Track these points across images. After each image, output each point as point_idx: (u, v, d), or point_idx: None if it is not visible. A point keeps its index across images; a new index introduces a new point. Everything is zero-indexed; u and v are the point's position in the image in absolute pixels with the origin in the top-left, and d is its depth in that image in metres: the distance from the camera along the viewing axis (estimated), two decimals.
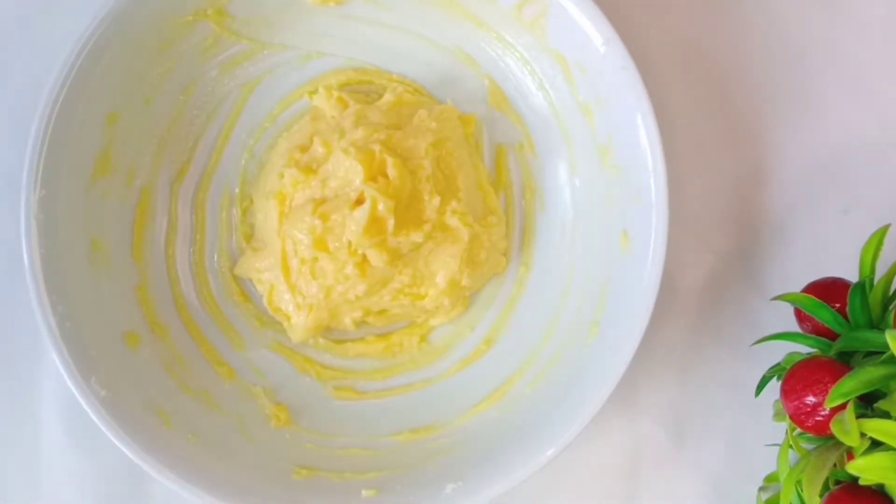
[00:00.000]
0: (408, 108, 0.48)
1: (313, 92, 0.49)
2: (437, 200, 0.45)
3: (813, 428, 0.39)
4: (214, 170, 0.49)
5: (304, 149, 0.47)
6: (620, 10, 0.45)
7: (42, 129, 0.42)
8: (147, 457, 0.41)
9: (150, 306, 0.46)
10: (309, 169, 0.46)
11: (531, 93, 0.48)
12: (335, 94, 0.48)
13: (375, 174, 0.44)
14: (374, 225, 0.44)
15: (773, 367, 0.43)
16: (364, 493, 0.43)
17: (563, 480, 0.47)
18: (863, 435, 0.37)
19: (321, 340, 0.48)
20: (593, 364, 0.43)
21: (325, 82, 0.49)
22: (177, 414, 0.44)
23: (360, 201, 0.44)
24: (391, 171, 0.45)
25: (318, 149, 0.46)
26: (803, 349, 0.43)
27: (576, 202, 0.48)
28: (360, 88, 0.49)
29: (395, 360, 0.48)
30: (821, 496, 0.38)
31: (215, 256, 0.48)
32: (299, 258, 0.45)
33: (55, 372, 0.47)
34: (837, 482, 0.39)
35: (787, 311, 0.44)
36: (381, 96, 0.48)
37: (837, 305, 0.42)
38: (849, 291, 0.41)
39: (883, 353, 0.39)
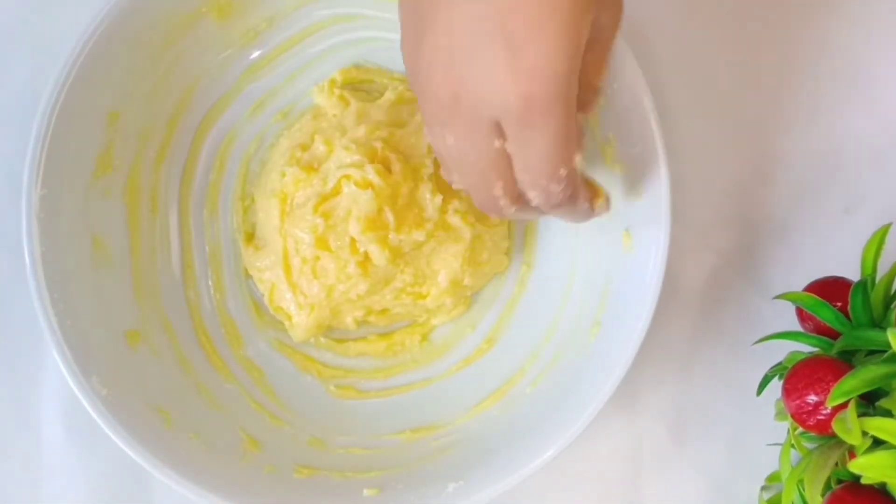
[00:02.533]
0: (409, 106, 0.48)
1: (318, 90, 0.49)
2: (438, 199, 0.45)
3: (815, 427, 0.39)
4: (216, 168, 0.49)
5: (306, 147, 0.47)
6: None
7: (43, 128, 0.42)
8: (148, 455, 0.41)
9: (151, 305, 0.46)
10: (310, 167, 0.46)
11: None
12: (336, 92, 0.48)
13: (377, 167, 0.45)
14: (377, 217, 0.44)
15: (774, 367, 0.43)
16: (365, 492, 0.42)
17: (564, 479, 0.47)
18: (864, 434, 0.37)
19: (322, 339, 0.48)
20: (595, 363, 0.43)
21: (328, 80, 0.49)
22: (178, 412, 0.43)
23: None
24: (394, 167, 0.45)
25: (320, 147, 0.46)
26: (805, 348, 0.43)
27: None
28: (362, 87, 0.49)
29: (397, 360, 0.48)
30: (823, 495, 0.38)
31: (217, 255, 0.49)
32: (301, 257, 0.45)
33: (56, 370, 0.47)
34: (839, 481, 0.39)
35: (789, 310, 0.44)
36: (382, 94, 0.48)
37: (839, 304, 0.42)
38: (850, 290, 0.41)
39: (884, 351, 0.39)
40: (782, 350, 0.43)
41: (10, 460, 0.48)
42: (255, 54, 0.48)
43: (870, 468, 0.36)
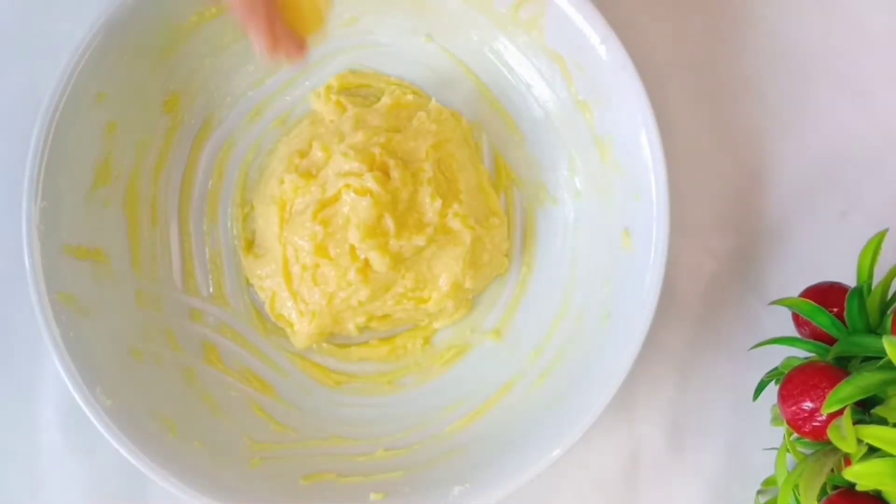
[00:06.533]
0: (407, 110, 0.48)
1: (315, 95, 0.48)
2: (438, 203, 0.45)
3: (810, 433, 0.40)
4: (215, 176, 0.48)
5: (304, 154, 0.47)
6: (619, 11, 0.45)
7: (42, 140, 0.42)
8: (154, 466, 0.41)
9: (153, 314, 0.46)
10: (309, 174, 0.46)
11: (530, 92, 0.48)
12: (333, 97, 0.48)
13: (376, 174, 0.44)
14: (377, 224, 0.44)
15: (770, 372, 0.44)
16: (372, 496, 0.43)
17: (563, 484, 0.48)
18: (859, 441, 0.37)
19: (325, 345, 0.48)
20: (597, 363, 0.44)
21: (324, 86, 0.48)
22: (182, 421, 0.44)
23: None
24: (393, 173, 0.45)
25: (318, 153, 0.46)
26: (801, 353, 0.43)
27: (576, 201, 0.48)
28: (359, 92, 0.49)
29: (399, 363, 0.49)
30: (818, 500, 0.38)
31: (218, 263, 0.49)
32: (301, 265, 0.45)
33: (53, 375, 0.47)
34: (835, 487, 0.39)
35: (786, 315, 0.45)
36: (379, 99, 0.48)
37: (835, 310, 0.42)
38: (846, 296, 0.41)
39: (880, 358, 0.39)
40: (779, 355, 0.43)
41: (7, 465, 0.48)
42: (252, 62, 0.48)
43: (865, 476, 0.36)
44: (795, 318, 0.44)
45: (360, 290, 0.45)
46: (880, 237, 0.42)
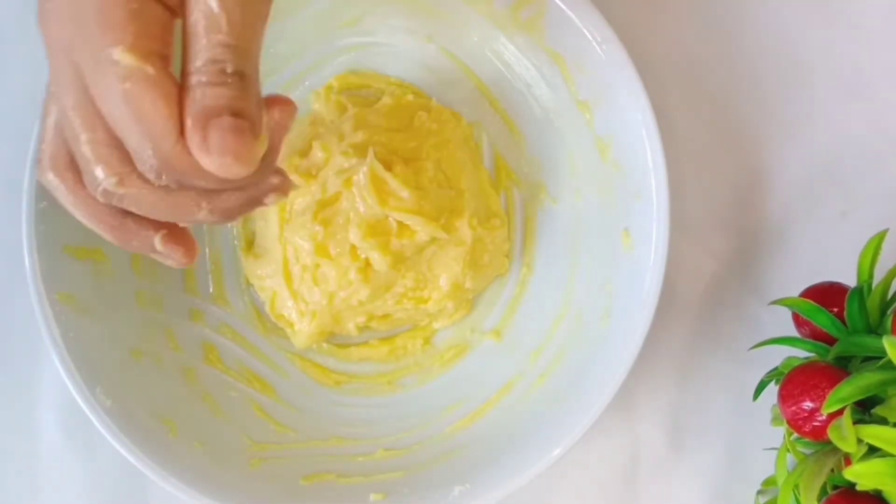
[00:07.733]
0: (407, 110, 0.48)
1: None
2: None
3: (810, 433, 0.40)
4: None
5: (304, 154, 0.46)
6: (619, 12, 0.45)
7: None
8: (154, 466, 0.41)
9: (153, 314, 0.46)
10: (308, 174, 0.46)
11: (530, 92, 0.48)
12: (333, 97, 0.48)
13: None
14: (378, 223, 0.44)
15: (770, 372, 0.44)
16: (371, 497, 0.43)
17: (563, 485, 0.48)
18: (860, 441, 0.37)
19: (324, 345, 0.48)
20: (597, 363, 0.44)
21: (324, 86, 0.48)
22: (182, 422, 0.44)
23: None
24: (395, 170, 0.45)
25: (318, 153, 0.46)
26: (801, 353, 0.43)
27: (576, 201, 0.48)
28: (359, 92, 0.49)
29: (399, 364, 0.49)
30: (818, 500, 0.38)
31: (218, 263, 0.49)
32: (301, 265, 0.45)
33: (52, 375, 0.47)
34: (835, 487, 0.40)
35: (786, 315, 0.44)
36: (379, 99, 0.48)
37: (835, 310, 0.42)
38: (846, 296, 0.41)
39: (880, 358, 0.39)
40: (779, 355, 0.43)
41: (7, 465, 0.48)
42: None
43: (865, 476, 0.36)
44: (795, 318, 0.44)
45: (361, 289, 0.45)
46: (880, 237, 0.42)
